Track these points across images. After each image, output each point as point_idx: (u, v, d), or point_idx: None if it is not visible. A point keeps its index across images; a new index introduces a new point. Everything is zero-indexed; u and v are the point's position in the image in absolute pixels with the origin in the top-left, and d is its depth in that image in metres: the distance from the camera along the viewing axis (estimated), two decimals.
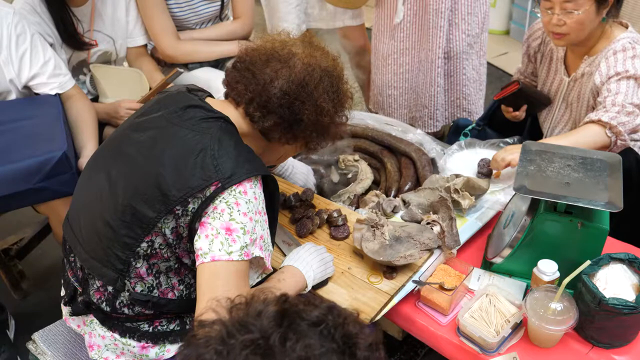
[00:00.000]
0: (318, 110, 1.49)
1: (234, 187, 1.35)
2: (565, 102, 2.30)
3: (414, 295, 1.67)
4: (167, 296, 1.46)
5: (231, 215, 1.34)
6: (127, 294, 1.44)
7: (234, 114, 1.51)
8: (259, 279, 1.52)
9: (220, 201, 1.35)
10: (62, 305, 1.64)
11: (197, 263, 1.36)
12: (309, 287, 1.60)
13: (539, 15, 2.13)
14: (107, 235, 1.42)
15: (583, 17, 1.99)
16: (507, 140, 2.23)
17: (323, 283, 1.68)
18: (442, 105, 3.00)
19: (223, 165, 1.35)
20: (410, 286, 1.66)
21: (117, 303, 1.46)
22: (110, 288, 1.46)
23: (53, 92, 2.16)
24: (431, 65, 2.85)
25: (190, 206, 1.35)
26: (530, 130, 2.54)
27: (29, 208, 2.19)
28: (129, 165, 1.43)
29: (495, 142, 2.24)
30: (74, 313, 1.57)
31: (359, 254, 1.78)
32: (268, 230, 1.45)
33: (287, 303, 0.86)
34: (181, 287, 1.48)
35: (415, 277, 1.67)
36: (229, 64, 1.60)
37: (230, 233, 1.34)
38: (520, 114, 2.41)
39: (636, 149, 2.11)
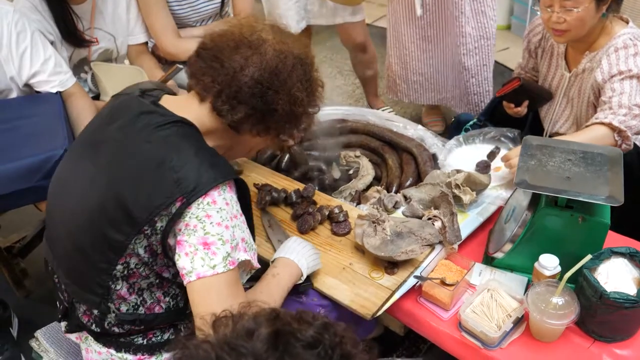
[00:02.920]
0: (292, 100, 1.41)
1: (200, 199, 1.29)
2: (566, 97, 2.30)
3: (416, 291, 1.67)
4: (154, 311, 1.44)
5: (204, 229, 1.29)
6: (113, 315, 1.42)
7: (196, 111, 1.41)
8: (248, 276, 1.49)
9: (190, 217, 1.29)
10: (59, 318, 1.62)
11: (184, 282, 1.33)
12: (305, 276, 1.60)
13: (539, 12, 2.13)
14: (82, 261, 1.39)
15: (583, 14, 1.99)
16: (508, 134, 2.22)
17: (307, 282, 1.65)
18: (470, 87, 3.13)
19: (184, 178, 1.29)
20: (411, 281, 1.66)
21: (105, 324, 1.44)
22: (95, 311, 1.44)
23: (54, 90, 2.17)
24: (457, 49, 2.98)
25: (159, 224, 1.30)
26: (532, 126, 2.54)
27: (31, 206, 2.19)
28: (90, 189, 1.37)
29: (495, 135, 2.24)
30: (68, 330, 1.55)
31: (360, 249, 1.78)
32: (248, 230, 1.41)
33: (279, 321, 0.81)
34: (167, 299, 1.45)
35: (417, 273, 1.67)
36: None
37: (208, 247, 1.29)
38: (522, 109, 2.41)
39: (637, 143, 2.11)
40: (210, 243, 1.29)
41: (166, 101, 1.44)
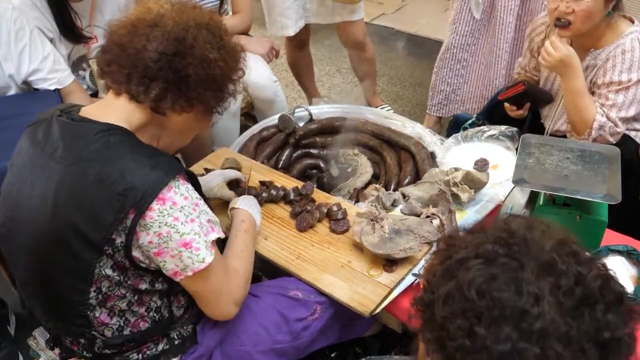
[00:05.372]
0: (205, 64, 1.35)
1: (158, 206, 1.27)
2: None
3: (414, 289, 1.67)
4: (140, 327, 1.43)
5: (179, 232, 1.30)
6: (100, 341, 1.41)
7: (118, 108, 1.37)
8: None
9: (159, 226, 1.28)
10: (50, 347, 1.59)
11: (177, 279, 1.35)
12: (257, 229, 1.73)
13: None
14: (56, 296, 1.38)
15: (592, 5, 1.99)
16: (506, 132, 2.22)
17: None
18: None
19: (129, 188, 1.26)
20: (409, 279, 1.67)
21: (95, 349, 1.43)
22: (82, 340, 1.43)
23: (52, 88, 2.17)
24: (496, 59, 2.93)
25: (118, 240, 1.28)
26: (531, 124, 2.54)
27: None
28: (40, 228, 1.33)
29: (493, 133, 2.24)
30: (63, 357, 1.53)
31: (358, 247, 1.78)
32: (208, 208, 1.41)
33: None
34: (151, 314, 1.44)
35: (415, 270, 1.67)
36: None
37: (190, 246, 1.31)
38: (524, 112, 2.41)
39: (637, 140, 2.12)
40: (189, 241, 1.31)
41: (86, 111, 1.39)
